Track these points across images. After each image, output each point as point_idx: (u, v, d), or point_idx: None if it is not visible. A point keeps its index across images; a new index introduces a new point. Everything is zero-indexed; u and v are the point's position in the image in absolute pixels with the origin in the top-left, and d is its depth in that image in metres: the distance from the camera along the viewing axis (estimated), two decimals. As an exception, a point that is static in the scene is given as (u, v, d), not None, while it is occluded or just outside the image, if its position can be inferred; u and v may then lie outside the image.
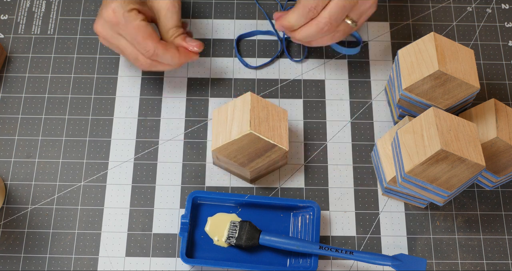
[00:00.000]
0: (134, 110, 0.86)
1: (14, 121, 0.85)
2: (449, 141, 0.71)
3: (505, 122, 0.78)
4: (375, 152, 0.81)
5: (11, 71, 0.88)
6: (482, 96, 0.88)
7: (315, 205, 0.78)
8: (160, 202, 0.81)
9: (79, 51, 0.89)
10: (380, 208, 0.81)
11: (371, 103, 0.87)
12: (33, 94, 0.87)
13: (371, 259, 0.74)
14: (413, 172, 0.72)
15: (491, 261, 0.79)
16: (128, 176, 0.82)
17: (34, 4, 0.92)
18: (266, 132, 0.77)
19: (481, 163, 0.71)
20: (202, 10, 0.93)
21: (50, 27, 0.91)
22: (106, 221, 0.80)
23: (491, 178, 0.79)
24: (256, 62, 0.89)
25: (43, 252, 0.78)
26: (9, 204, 0.80)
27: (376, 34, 0.91)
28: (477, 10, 0.93)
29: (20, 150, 0.83)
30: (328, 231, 0.80)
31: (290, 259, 0.77)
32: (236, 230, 0.77)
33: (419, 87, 0.77)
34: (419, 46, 0.78)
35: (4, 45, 0.89)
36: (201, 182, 0.82)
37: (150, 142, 0.84)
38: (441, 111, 0.74)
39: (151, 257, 0.78)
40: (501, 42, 0.91)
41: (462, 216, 0.81)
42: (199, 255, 0.77)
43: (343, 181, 0.82)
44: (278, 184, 0.82)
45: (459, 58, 0.78)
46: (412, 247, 0.79)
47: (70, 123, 0.85)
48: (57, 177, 0.82)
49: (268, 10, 0.93)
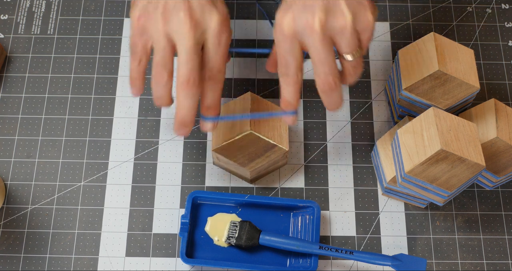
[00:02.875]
0: (134, 110, 0.86)
1: (14, 121, 0.85)
2: (449, 141, 0.71)
3: (505, 122, 0.78)
4: (375, 152, 0.81)
5: (11, 71, 0.88)
6: (482, 96, 0.88)
7: (315, 205, 0.78)
8: (160, 202, 0.81)
9: (79, 51, 0.89)
10: (380, 208, 0.81)
11: (371, 103, 0.87)
12: (33, 94, 0.87)
13: (371, 259, 0.74)
14: (413, 172, 0.72)
15: (491, 261, 0.79)
16: (128, 176, 0.82)
17: (34, 4, 0.92)
18: (266, 132, 0.77)
19: (481, 163, 0.71)
20: (202, 10, 0.93)
21: (50, 27, 0.91)
22: (106, 221, 0.80)
23: (491, 178, 0.79)
24: (256, 62, 0.89)
25: (43, 252, 0.78)
26: (9, 204, 0.80)
27: (376, 34, 0.91)
28: (477, 10, 0.93)
29: (20, 150, 0.83)
30: (328, 231, 0.80)
31: (290, 259, 0.77)
32: (236, 230, 0.77)
33: (419, 87, 0.77)
34: (419, 46, 0.78)
35: (4, 45, 0.89)
36: (201, 182, 0.82)
37: (150, 142, 0.84)
38: (441, 111, 0.74)
39: (151, 257, 0.78)
40: (501, 42, 0.91)
41: (462, 216, 0.81)
42: (199, 255, 0.77)
43: (343, 181, 0.82)
44: (278, 184, 0.82)
45: (459, 58, 0.78)
46: (412, 247, 0.79)
47: (70, 123, 0.85)
48: (57, 177, 0.82)
49: (268, 10, 0.93)
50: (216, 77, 0.69)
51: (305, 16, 0.66)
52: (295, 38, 0.67)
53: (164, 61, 0.68)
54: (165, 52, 0.68)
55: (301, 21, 0.66)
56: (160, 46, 0.68)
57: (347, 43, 0.67)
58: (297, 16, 0.66)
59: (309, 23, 0.65)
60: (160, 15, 0.67)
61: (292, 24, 0.66)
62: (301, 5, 0.66)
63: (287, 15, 0.67)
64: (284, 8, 0.68)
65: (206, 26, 0.67)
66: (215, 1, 0.67)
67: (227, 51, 0.68)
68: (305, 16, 0.66)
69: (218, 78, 0.69)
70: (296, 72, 0.69)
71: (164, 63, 0.68)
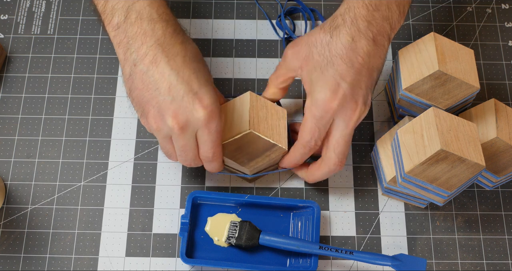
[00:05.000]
0: (134, 110, 0.86)
1: (14, 121, 0.85)
2: (449, 141, 0.71)
3: (505, 122, 0.78)
4: (375, 152, 0.81)
5: (11, 71, 0.88)
6: (482, 96, 0.87)
7: (315, 205, 0.78)
8: (160, 202, 0.81)
9: (79, 51, 0.89)
10: (380, 208, 0.81)
11: (371, 103, 0.87)
12: (33, 94, 0.87)
13: (371, 259, 0.74)
14: (413, 172, 0.72)
15: (491, 261, 0.79)
16: (128, 176, 0.82)
17: (34, 4, 0.92)
18: (266, 131, 0.77)
19: (481, 163, 0.71)
20: (202, 10, 0.93)
21: (50, 27, 0.91)
22: (106, 221, 0.80)
23: (491, 178, 0.79)
24: (256, 62, 0.89)
25: (43, 252, 0.78)
26: (9, 204, 0.80)
27: (376, 34, 0.91)
28: (477, 10, 0.93)
29: (20, 150, 0.83)
30: (328, 231, 0.80)
31: (290, 259, 0.77)
32: (236, 230, 0.77)
33: (419, 87, 0.77)
34: (419, 46, 0.78)
35: (4, 45, 0.89)
36: (201, 182, 0.82)
37: (150, 142, 0.84)
38: (441, 111, 0.74)
39: (151, 257, 0.78)
40: (501, 42, 0.91)
41: (462, 216, 0.81)
42: (199, 255, 0.77)
43: (343, 181, 0.82)
44: (278, 184, 0.82)
45: (459, 58, 0.78)
46: (412, 247, 0.79)
47: (70, 123, 0.85)
48: (57, 177, 0.82)
49: (268, 10, 0.93)
50: (210, 160, 0.74)
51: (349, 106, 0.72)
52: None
53: (170, 154, 0.75)
54: (168, 149, 0.74)
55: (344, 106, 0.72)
56: (162, 145, 0.74)
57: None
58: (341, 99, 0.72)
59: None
60: (153, 123, 0.70)
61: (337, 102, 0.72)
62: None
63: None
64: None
65: (194, 124, 0.69)
66: (199, 93, 0.68)
67: (217, 138, 0.72)
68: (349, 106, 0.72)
69: (213, 160, 0.74)
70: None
71: (171, 155, 0.75)
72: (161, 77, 0.68)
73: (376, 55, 0.73)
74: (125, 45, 0.70)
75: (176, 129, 0.69)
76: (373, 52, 0.72)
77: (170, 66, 0.68)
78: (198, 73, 0.69)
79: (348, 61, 0.71)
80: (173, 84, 0.67)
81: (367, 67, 0.72)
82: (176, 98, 0.68)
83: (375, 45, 0.72)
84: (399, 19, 0.74)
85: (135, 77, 0.69)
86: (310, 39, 0.74)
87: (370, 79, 0.73)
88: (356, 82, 0.71)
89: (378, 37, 0.72)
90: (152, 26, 0.69)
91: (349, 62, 0.71)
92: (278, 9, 0.93)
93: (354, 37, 0.71)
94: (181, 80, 0.68)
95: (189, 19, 0.92)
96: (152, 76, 0.68)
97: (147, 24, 0.69)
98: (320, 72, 0.72)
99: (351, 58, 0.71)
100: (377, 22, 0.72)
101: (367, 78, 0.72)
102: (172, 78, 0.67)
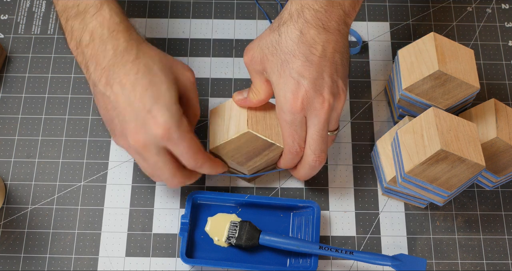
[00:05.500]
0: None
1: (14, 121, 0.85)
2: (449, 141, 0.71)
3: (505, 122, 0.78)
4: (375, 152, 0.81)
5: (11, 71, 0.88)
6: (482, 96, 0.88)
7: (315, 205, 0.78)
8: (160, 202, 0.81)
9: (79, 51, 0.89)
10: (380, 208, 0.81)
11: (371, 103, 0.87)
12: (33, 94, 0.87)
13: (371, 259, 0.74)
14: (413, 172, 0.72)
15: (491, 261, 0.79)
16: (128, 176, 0.82)
17: (34, 4, 0.92)
18: (264, 131, 0.76)
19: (481, 163, 0.71)
20: (202, 10, 0.93)
21: (50, 27, 0.91)
22: (106, 221, 0.80)
23: (491, 178, 0.79)
24: (256, 62, 0.89)
25: (43, 252, 0.78)
26: (9, 204, 0.80)
27: (376, 34, 0.91)
28: (477, 10, 0.93)
29: (20, 150, 0.83)
30: (328, 231, 0.80)
31: (290, 259, 0.77)
32: (236, 230, 0.77)
33: (419, 87, 0.77)
34: (419, 46, 0.78)
35: (4, 45, 0.89)
36: (201, 182, 0.82)
37: (150, 142, 0.84)
38: (441, 111, 0.74)
39: (151, 257, 0.78)
40: (501, 42, 0.91)
41: (462, 216, 0.81)
42: (199, 255, 0.77)
43: (343, 181, 0.82)
44: (278, 184, 0.82)
45: (459, 58, 0.78)
46: (412, 247, 0.79)
47: (70, 123, 0.85)
48: (57, 177, 0.82)
49: (268, 10, 0.93)
50: (199, 166, 0.72)
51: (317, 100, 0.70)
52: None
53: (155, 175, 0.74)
54: (144, 168, 0.73)
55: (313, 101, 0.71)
56: (138, 163, 0.73)
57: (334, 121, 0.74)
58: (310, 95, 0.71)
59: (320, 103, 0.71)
60: (119, 142, 0.71)
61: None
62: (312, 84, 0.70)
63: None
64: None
65: (154, 141, 0.68)
66: (152, 110, 0.68)
67: (190, 146, 0.69)
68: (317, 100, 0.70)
69: (202, 165, 0.72)
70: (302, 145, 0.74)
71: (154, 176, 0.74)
72: (116, 98, 0.68)
73: (331, 41, 0.70)
74: (84, 66, 0.71)
75: (140, 149, 0.68)
76: (326, 39, 0.70)
77: (122, 86, 0.68)
78: (152, 89, 0.68)
79: (301, 56, 0.70)
80: (127, 104, 0.68)
81: (324, 56, 0.70)
82: (132, 118, 0.68)
83: (328, 32, 0.70)
84: (353, 3, 0.72)
85: (97, 97, 0.70)
86: (262, 42, 0.72)
87: (334, 66, 0.71)
88: (316, 75, 0.70)
89: (330, 23, 0.70)
90: (103, 47, 0.69)
91: (302, 57, 0.70)
92: (278, 9, 0.93)
93: (302, 29, 0.70)
94: (133, 100, 0.67)
95: (189, 19, 0.92)
96: (109, 97, 0.68)
97: (98, 45, 0.69)
98: (278, 74, 0.71)
99: (304, 53, 0.70)
100: (326, 8, 0.70)
101: (329, 67, 0.70)
102: (125, 99, 0.68)
